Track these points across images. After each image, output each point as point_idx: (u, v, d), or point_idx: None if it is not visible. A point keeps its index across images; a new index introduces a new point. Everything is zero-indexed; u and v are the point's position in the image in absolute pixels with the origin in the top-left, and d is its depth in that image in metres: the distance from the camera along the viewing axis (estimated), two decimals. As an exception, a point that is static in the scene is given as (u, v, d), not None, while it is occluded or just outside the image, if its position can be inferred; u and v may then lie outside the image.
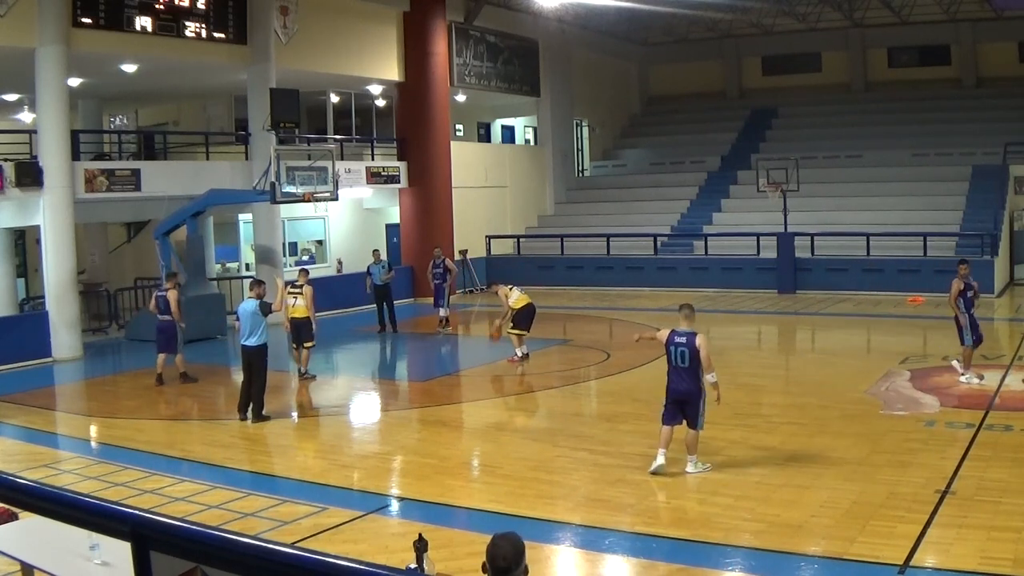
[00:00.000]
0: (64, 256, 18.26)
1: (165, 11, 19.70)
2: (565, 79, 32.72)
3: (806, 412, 12.67)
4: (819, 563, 7.55)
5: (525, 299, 16.82)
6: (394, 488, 10.33)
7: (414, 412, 13.93)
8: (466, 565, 7.26)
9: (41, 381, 16.53)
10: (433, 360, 19.12)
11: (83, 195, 18.74)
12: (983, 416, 11.74)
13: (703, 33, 36.08)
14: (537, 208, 32.26)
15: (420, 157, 26.19)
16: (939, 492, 8.87)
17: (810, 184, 27.11)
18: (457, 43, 27.46)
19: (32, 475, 9.43)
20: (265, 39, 21.72)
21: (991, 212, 25.57)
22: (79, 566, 5.29)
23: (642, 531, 8.32)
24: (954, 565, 7.28)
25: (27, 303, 22.82)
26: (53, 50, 17.70)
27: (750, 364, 17.05)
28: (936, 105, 32.14)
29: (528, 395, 14.99)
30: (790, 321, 22.20)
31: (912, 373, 14.64)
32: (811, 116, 33.87)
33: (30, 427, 13.04)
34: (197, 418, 13.88)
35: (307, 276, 16.37)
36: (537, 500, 9.32)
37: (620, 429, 12.06)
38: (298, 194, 19.99)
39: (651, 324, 21.27)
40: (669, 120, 37.24)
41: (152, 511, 2.59)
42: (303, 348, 15.79)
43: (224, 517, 8.80)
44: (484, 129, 35.15)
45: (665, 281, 26.95)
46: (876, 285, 24.37)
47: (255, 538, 2.37)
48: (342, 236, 27.71)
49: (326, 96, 25.45)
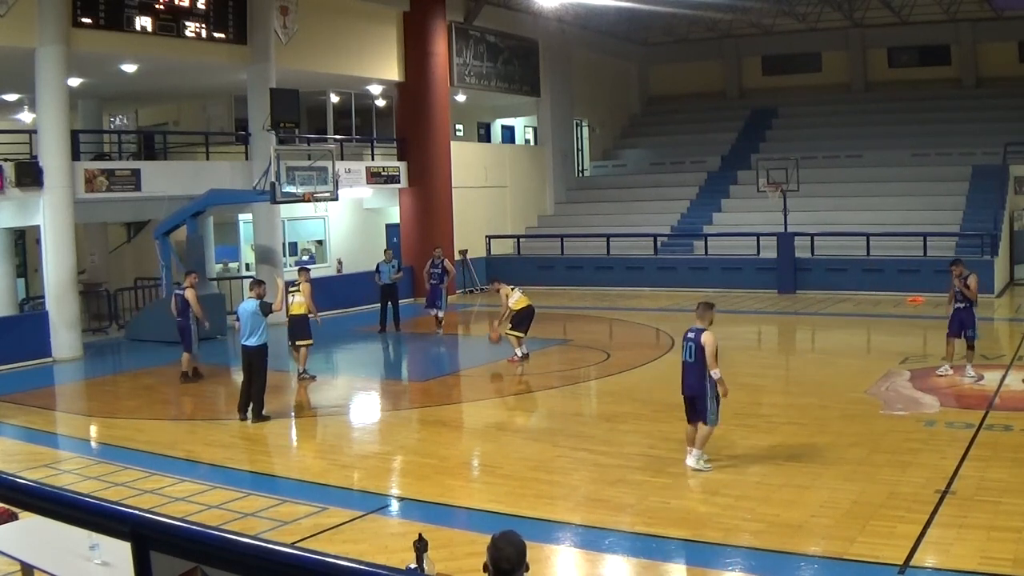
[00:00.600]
0: (64, 256, 18.26)
1: (165, 11, 19.70)
2: (565, 79, 32.72)
3: (806, 412, 12.67)
4: (819, 563, 7.55)
5: (525, 300, 16.82)
6: (394, 488, 10.33)
7: (414, 412, 13.93)
8: (466, 565, 7.26)
9: (41, 381, 16.53)
10: (433, 360, 19.12)
11: (83, 195, 18.74)
12: (983, 416, 11.74)
13: (703, 33, 36.07)
14: (537, 208, 32.26)
15: (420, 157, 26.20)
16: (939, 492, 8.88)
17: (810, 184, 27.11)
18: (457, 43, 27.46)
19: (32, 475, 9.43)
20: (265, 39, 21.72)
21: (991, 212, 25.57)
22: (79, 566, 5.29)
23: (642, 531, 8.32)
24: (954, 565, 7.28)
25: (27, 303, 22.82)
26: (53, 50, 17.70)
27: (750, 364, 17.04)
28: (936, 105, 32.14)
29: (528, 395, 14.99)
30: (790, 321, 22.20)
31: (912, 373, 14.64)
32: (811, 116, 33.86)
33: (30, 427, 13.04)
34: (197, 418, 13.88)
35: (307, 275, 16.38)
36: (537, 500, 9.32)
37: (620, 429, 12.06)
38: (298, 194, 19.98)
39: (651, 324, 21.39)
40: (669, 120, 37.24)
41: (152, 511, 2.59)
42: (300, 347, 15.78)
43: (224, 517, 8.80)
44: (484, 129, 35.15)
45: (665, 281, 26.95)
46: (876, 285, 24.36)
47: (255, 538, 2.37)
48: (342, 236, 27.71)
49: (326, 96, 25.45)
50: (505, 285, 17.08)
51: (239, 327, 13.42)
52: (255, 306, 13.01)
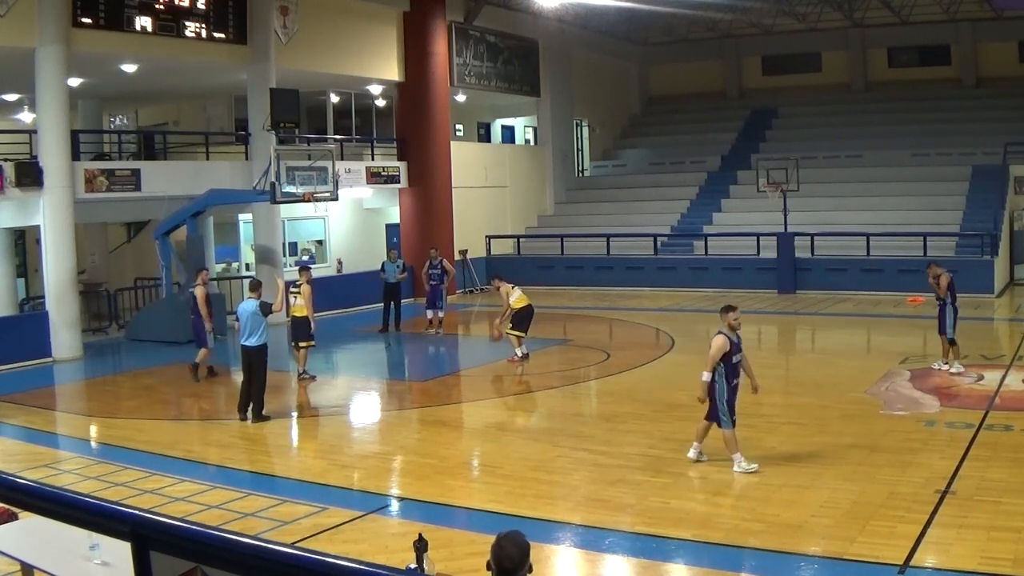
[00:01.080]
0: (64, 256, 18.26)
1: (165, 11, 19.70)
2: (565, 79, 32.72)
3: (806, 412, 12.67)
4: (819, 563, 7.55)
5: (525, 300, 16.83)
6: (394, 488, 10.33)
7: (414, 412, 13.93)
8: (466, 565, 7.26)
9: (41, 381, 16.53)
10: (433, 360, 19.13)
11: (83, 195, 18.74)
12: (983, 416, 11.74)
13: (703, 33, 36.07)
14: (537, 208, 32.26)
15: (420, 157, 26.19)
16: (939, 492, 8.88)
17: (810, 184, 27.11)
18: (457, 43, 27.46)
19: (32, 475, 9.43)
20: (265, 39, 21.72)
21: (991, 212, 25.57)
22: (79, 566, 5.29)
23: (642, 531, 8.32)
24: (954, 565, 7.28)
25: (27, 303, 22.82)
26: (53, 50, 17.70)
27: (750, 364, 17.02)
28: (936, 105, 32.13)
29: (528, 395, 14.98)
30: (790, 321, 22.20)
31: (912, 373, 14.64)
32: (811, 116, 33.86)
33: (30, 427, 13.04)
34: (197, 418, 13.88)
35: (308, 275, 16.33)
36: (537, 500, 9.32)
37: (620, 429, 12.06)
38: (298, 194, 19.98)
39: (651, 324, 21.39)
40: (669, 120, 37.24)
41: (152, 511, 2.59)
42: (300, 348, 15.77)
43: (224, 517, 8.80)
44: (484, 129, 35.15)
45: (665, 281, 26.96)
46: (876, 285, 24.36)
47: (255, 538, 2.37)
48: (342, 236, 27.71)
49: (326, 96, 25.45)
50: (505, 283, 17.07)
51: (239, 327, 13.42)
52: (255, 306, 13.01)
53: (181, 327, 18.91)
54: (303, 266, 17.87)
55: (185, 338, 18.66)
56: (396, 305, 20.76)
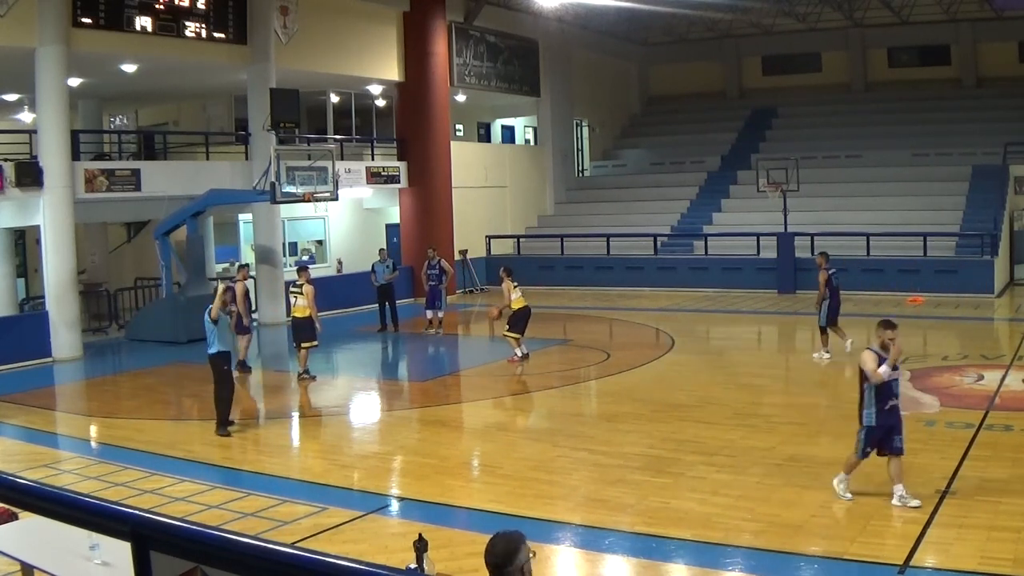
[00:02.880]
0: (64, 256, 18.26)
1: (165, 11, 19.69)
2: (565, 79, 32.72)
3: (806, 412, 12.67)
4: (819, 563, 7.55)
5: (522, 301, 16.84)
6: (394, 488, 10.33)
7: (414, 412, 13.93)
8: (466, 565, 7.26)
9: (41, 381, 16.52)
10: (433, 360, 19.12)
11: (83, 195, 18.73)
12: (983, 416, 11.74)
13: (703, 33, 36.07)
14: (537, 208, 32.26)
15: (420, 157, 26.19)
16: (939, 492, 8.88)
17: (810, 184, 27.10)
18: (457, 43, 27.46)
19: (32, 475, 9.43)
20: (265, 39, 21.72)
21: (991, 212, 25.55)
22: (79, 566, 5.29)
23: (642, 531, 8.31)
24: (954, 565, 7.28)
25: (27, 303, 22.81)
26: (53, 50, 17.69)
27: (750, 364, 17.06)
28: (936, 105, 32.12)
29: (528, 395, 14.98)
30: (790, 321, 22.18)
31: (912, 373, 14.63)
32: (811, 116, 33.85)
33: (30, 427, 13.04)
34: (197, 418, 13.87)
35: (308, 275, 16.25)
36: (537, 500, 9.32)
37: (620, 429, 12.06)
38: (298, 194, 19.98)
39: (651, 324, 21.38)
40: (669, 120, 37.23)
41: (152, 511, 2.59)
42: (303, 348, 15.74)
43: (224, 517, 8.80)
44: (484, 129, 35.14)
45: (665, 281, 26.94)
46: (876, 285, 24.33)
47: (255, 538, 2.37)
48: (342, 236, 27.71)
49: (326, 96, 25.45)
50: (510, 280, 17.05)
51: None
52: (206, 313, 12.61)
53: (181, 327, 18.93)
54: (302, 266, 17.83)
55: (185, 338, 18.68)
56: (391, 304, 20.76)
